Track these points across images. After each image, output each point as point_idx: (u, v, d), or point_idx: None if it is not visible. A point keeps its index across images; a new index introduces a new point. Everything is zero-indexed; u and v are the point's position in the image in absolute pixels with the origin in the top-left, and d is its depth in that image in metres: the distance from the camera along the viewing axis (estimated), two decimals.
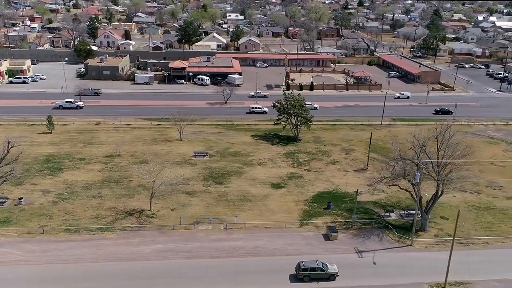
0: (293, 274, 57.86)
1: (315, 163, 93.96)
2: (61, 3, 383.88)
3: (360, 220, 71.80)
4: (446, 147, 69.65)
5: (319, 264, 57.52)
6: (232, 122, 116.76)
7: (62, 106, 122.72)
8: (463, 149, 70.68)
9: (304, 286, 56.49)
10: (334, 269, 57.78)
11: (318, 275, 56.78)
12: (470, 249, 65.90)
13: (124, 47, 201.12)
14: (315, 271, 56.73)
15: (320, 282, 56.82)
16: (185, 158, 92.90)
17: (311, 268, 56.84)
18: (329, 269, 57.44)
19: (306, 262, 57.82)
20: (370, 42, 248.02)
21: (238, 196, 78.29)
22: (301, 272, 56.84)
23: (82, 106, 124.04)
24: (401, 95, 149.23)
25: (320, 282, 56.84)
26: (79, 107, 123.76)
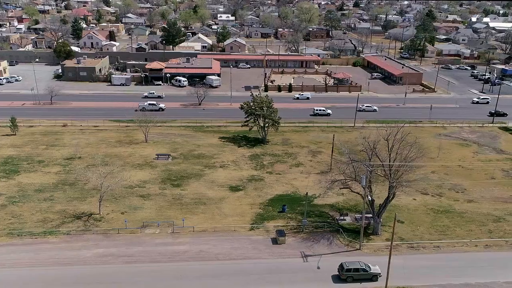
0: (336, 275, 58.22)
1: (279, 166, 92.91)
2: (53, 4, 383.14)
3: (312, 224, 70.73)
4: (398, 149, 68.40)
5: (362, 264, 58.03)
6: (202, 124, 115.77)
7: (145, 108, 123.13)
8: (415, 151, 69.40)
9: None
10: (377, 269, 58.18)
11: (361, 275, 57.31)
12: (420, 253, 64.83)
13: (107, 48, 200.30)
14: (358, 271, 57.27)
15: (363, 283, 57.18)
16: (146, 161, 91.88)
17: (354, 268, 57.31)
18: (371, 269, 57.82)
19: (349, 263, 58.25)
20: (359, 43, 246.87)
21: (193, 199, 77.24)
22: (344, 273, 57.26)
23: (164, 108, 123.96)
24: (300, 96, 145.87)
25: (363, 282, 57.17)
26: (161, 109, 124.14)
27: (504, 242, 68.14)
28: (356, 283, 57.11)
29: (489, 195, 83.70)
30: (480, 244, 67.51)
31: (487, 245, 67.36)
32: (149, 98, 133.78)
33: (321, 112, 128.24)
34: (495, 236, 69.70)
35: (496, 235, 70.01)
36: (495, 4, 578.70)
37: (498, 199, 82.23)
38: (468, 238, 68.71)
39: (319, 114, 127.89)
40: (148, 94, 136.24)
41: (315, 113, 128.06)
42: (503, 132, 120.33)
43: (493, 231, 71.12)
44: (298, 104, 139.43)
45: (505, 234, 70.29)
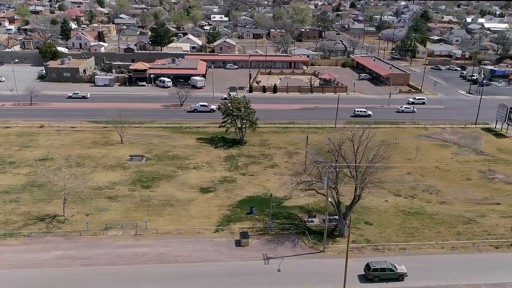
0: (362, 275, 58.52)
1: (253, 167, 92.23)
2: (47, 5, 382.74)
3: (280, 226, 70.07)
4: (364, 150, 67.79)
5: (388, 264, 58.37)
6: (181, 125, 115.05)
7: (197, 110, 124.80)
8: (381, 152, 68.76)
9: None
10: (403, 269, 58.44)
11: (387, 275, 57.57)
12: (385, 255, 63.97)
13: (95, 49, 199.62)
14: (385, 271, 57.55)
15: (389, 283, 57.46)
16: (119, 162, 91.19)
17: (381, 268, 57.62)
18: (397, 269, 58.09)
19: (375, 262, 58.61)
20: (351, 44, 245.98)
21: (161, 201, 76.54)
22: (371, 272, 57.61)
23: (215, 110, 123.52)
24: None
25: (390, 282, 57.41)
26: (212, 111, 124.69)
27: (471, 244, 67.43)
28: (382, 283, 57.52)
29: (462, 197, 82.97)
30: (447, 246, 66.77)
31: (453, 247, 66.63)
32: (73, 98, 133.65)
33: (362, 113, 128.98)
34: (463, 238, 68.96)
35: (464, 237, 69.28)
36: (493, 4, 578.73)
37: (471, 201, 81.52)
38: (435, 240, 67.97)
39: (360, 115, 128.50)
40: (72, 95, 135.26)
41: (356, 114, 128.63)
42: (486, 133, 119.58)
43: (461, 233, 70.37)
44: (281, 105, 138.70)
45: (474, 236, 69.56)
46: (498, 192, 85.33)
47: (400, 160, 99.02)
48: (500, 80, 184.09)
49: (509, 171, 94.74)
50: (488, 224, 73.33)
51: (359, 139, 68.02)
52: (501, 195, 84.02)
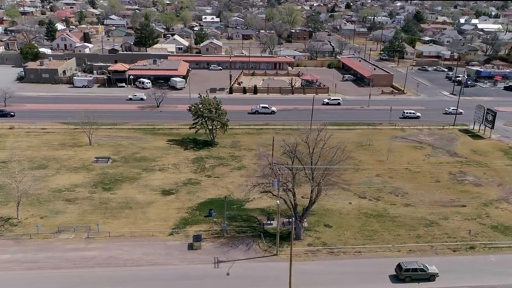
0: (393, 275, 58.77)
1: (220, 169, 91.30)
2: (39, 6, 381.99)
3: (237, 228, 69.18)
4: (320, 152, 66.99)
5: (420, 264, 58.68)
6: (154, 126, 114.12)
7: (258, 111, 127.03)
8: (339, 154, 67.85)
9: None
10: (434, 269, 58.69)
11: (419, 275, 57.88)
12: (339, 259, 63.20)
13: (80, 50, 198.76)
14: (416, 271, 57.83)
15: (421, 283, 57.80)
16: (84, 164, 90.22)
17: (413, 268, 57.89)
18: (429, 270, 58.30)
19: (407, 263, 58.92)
20: (340, 44, 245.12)
21: (120, 203, 75.59)
22: (403, 273, 57.84)
23: (275, 111, 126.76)
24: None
25: (421, 282, 57.75)
26: (273, 112, 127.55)
27: (429, 247, 66.50)
28: (414, 283, 57.79)
29: (428, 199, 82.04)
30: (404, 249, 65.84)
31: (410, 250, 65.71)
32: None
33: (411, 115, 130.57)
34: (422, 241, 68.05)
35: (423, 240, 68.35)
36: (490, 5, 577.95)
37: (437, 203, 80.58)
38: (393, 243, 66.98)
39: (409, 117, 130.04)
40: None
41: (405, 116, 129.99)
42: (463, 134, 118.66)
43: (421, 236, 69.42)
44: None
45: (433, 239, 68.65)
46: (465, 194, 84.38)
47: (371, 161, 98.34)
48: (486, 81, 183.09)
49: (480, 173, 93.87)
50: (450, 227, 72.38)
51: (315, 141, 67.18)
52: (468, 197, 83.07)
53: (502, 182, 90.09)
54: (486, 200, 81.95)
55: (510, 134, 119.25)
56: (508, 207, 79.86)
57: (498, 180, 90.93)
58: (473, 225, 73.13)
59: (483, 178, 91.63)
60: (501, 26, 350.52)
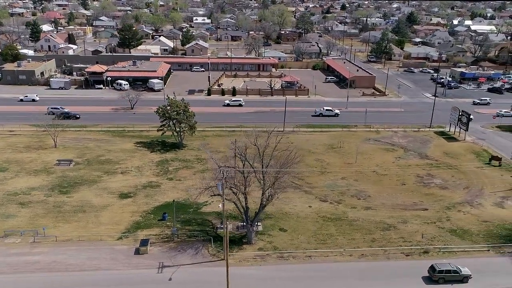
0: (426, 276, 59.25)
1: (184, 172, 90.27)
2: (31, 7, 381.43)
3: (189, 232, 68.15)
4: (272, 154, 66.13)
5: (453, 266, 59.16)
6: (124, 129, 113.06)
7: (322, 114, 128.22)
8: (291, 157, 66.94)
9: None
10: (467, 271, 59.16)
11: (452, 277, 58.40)
12: (288, 263, 62.16)
13: (63, 51, 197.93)
14: (450, 273, 58.32)
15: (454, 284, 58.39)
16: (46, 167, 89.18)
17: (446, 270, 58.39)
18: (462, 271, 58.76)
19: (440, 264, 59.49)
20: (329, 46, 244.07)
21: (74, 207, 74.55)
22: (436, 274, 58.30)
23: (339, 114, 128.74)
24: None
25: (455, 284, 58.36)
26: (337, 115, 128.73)
27: (382, 252, 65.39)
28: (447, 284, 58.17)
29: (391, 202, 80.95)
30: (356, 253, 64.73)
31: (362, 255, 64.62)
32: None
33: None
34: (376, 245, 66.98)
35: (378, 244, 67.28)
36: (488, 6, 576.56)
37: (399, 206, 79.50)
38: (347, 247, 65.91)
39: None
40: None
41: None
42: (438, 136, 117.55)
43: (376, 240, 68.36)
44: (234, 108, 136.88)
45: (388, 243, 67.57)
46: (429, 197, 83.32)
47: (339, 164, 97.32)
48: (470, 82, 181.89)
49: (448, 176, 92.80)
50: (408, 230, 71.34)
51: (265, 143, 66.35)
52: (431, 201, 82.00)
53: (469, 185, 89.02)
54: (449, 204, 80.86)
55: (486, 136, 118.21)
56: (471, 210, 78.78)
57: (465, 183, 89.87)
58: (432, 229, 72.07)
59: (450, 181, 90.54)
60: (494, 28, 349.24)
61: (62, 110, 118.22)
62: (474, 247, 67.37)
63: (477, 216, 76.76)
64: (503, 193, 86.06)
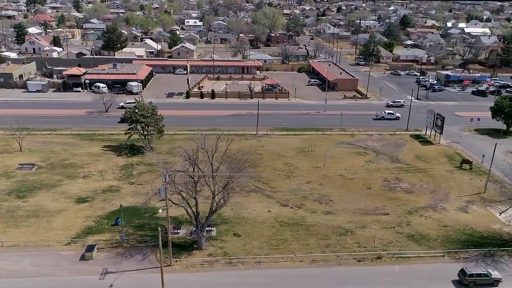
0: (456, 280, 59.56)
1: (147, 176, 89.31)
2: (24, 10, 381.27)
3: (140, 238, 67.10)
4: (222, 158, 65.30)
5: (483, 270, 59.63)
6: (94, 132, 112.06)
7: (383, 117, 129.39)
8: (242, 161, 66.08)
9: None
10: (497, 275, 59.29)
11: (483, 281, 58.54)
12: (236, 269, 61.21)
13: (47, 54, 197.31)
14: (481, 277, 58.47)
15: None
16: (7, 171, 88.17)
17: (477, 274, 58.56)
18: (492, 275, 58.91)
19: (471, 268, 59.82)
20: (317, 48, 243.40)
21: (28, 211, 73.54)
22: (467, 278, 58.39)
23: (400, 117, 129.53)
24: None
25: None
26: (398, 118, 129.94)
27: (334, 257, 64.30)
28: None
29: (352, 207, 79.84)
30: (307, 259, 63.64)
31: (313, 261, 63.62)
32: None
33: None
34: (330, 250, 65.96)
35: (331, 249, 66.26)
36: (486, 9, 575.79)
37: (360, 211, 78.40)
38: (300, 253, 64.80)
39: None
40: None
41: None
42: (412, 140, 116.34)
43: (331, 245, 67.32)
44: (210, 111, 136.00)
45: (342, 248, 66.54)
46: (393, 202, 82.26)
47: (307, 168, 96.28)
48: (454, 85, 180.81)
49: (416, 180, 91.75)
50: (365, 235, 70.25)
51: (214, 147, 65.57)
52: (394, 205, 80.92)
53: (436, 189, 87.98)
54: (412, 208, 79.80)
55: (462, 139, 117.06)
56: (433, 215, 77.70)
57: (432, 187, 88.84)
58: (389, 234, 71.04)
59: (417, 185, 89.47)
60: (487, 30, 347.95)
61: None
62: (429, 252, 66.29)
63: (439, 221, 75.68)
64: (469, 197, 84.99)
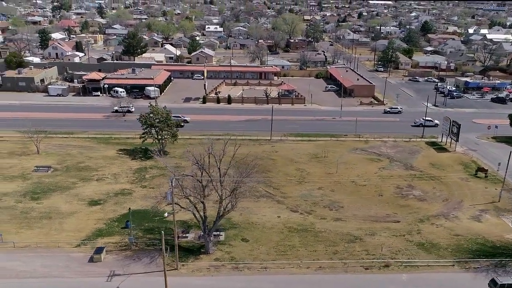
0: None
1: (159, 179, 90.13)
2: (49, 16, 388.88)
3: (148, 241, 67.89)
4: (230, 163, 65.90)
5: None
6: (111, 136, 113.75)
7: (422, 124, 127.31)
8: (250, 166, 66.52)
9: None
10: None
11: None
12: (242, 275, 61.41)
13: (69, 59, 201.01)
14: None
15: None
16: (24, 173, 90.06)
17: (508, 284, 57.94)
18: None
19: (502, 278, 59.39)
20: (336, 54, 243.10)
21: (41, 213, 75.02)
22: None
23: (438, 124, 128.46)
24: None
25: None
26: (436, 125, 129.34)
27: (342, 264, 64.07)
28: None
29: (363, 214, 79.44)
30: (314, 265, 63.54)
31: (320, 267, 63.41)
32: None
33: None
34: (337, 257, 65.71)
35: (339, 256, 66.02)
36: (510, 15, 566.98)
37: (370, 218, 77.96)
38: (307, 259, 64.75)
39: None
40: None
41: None
42: (428, 147, 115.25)
43: (339, 252, 67.09)
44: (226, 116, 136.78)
45: (350, 256, 66.26)
46: (404, 209, 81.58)
47: (320, 174, 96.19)
48: (474, 92, 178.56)
49: (429, 187, 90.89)
50: (374, 243, 69.82)
51: (222, 152, 66.24)
52: (406, 213, 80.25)
53: (449, 197, 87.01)
54: (423, 216, 79.03)
55: (478, 147, 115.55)
56: (445, 223, 76.85)
57: (445, 195, 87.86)
58: (399, 242, 70.48)
59: (430, 193, 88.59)
60: (510, 36, 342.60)
61: None
62: (439, 261, 65.57)
63: (450, 229, 74.80)
64: (483, 206, 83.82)
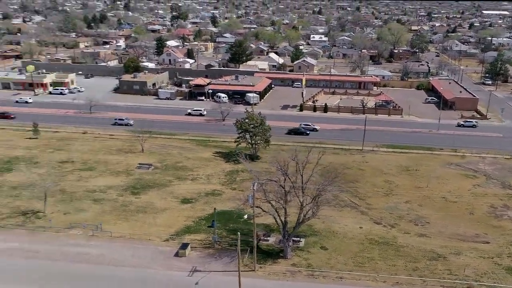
0: None
1: (248, 182, 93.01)
2: (168, 24, 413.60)
3: (231, 241, 71.25)
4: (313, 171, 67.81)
5: None
6: (209, 138, 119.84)
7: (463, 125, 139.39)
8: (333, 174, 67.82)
9: None
10: None
11: None
12: (317, 282, 62.48)
13: (180, 65, 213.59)
14: None
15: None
16: (127, 169, 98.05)
17: None
18: None
19: None
20: (441, 65, 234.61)
21: (138, 207, 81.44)
22: None
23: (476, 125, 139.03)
24: None
25: None
26: (474, 126, 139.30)
27: (421, 282, 62.88)
28: None
29: (450, 232, 76.98)
30: (391, 280, 63.01)
31: (397, 283, 62.70)
32: None
33: None
34: (417, 274, 64.47)
35: (419, 273, 64.72)
36: None
37: (457, 236, 75.41)
38: (384, 273, 64.44)
39: None
40: None
41: None
42: None
43: (419, 269, 65.78)
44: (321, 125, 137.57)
45: (431, 274, 64.70)
46: (496, 230, 77.79)
47: (408, 187, 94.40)
48: None
49: None
50: (458, 263, 67.54)
51: (305, 160, 68.13)
52: (497, 234, 76.50)
53: None
54: None
55: None
56: None
57: None
58: (486, 264, 67.56)
59: None
60: None
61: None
62: None
63: None
64: None
